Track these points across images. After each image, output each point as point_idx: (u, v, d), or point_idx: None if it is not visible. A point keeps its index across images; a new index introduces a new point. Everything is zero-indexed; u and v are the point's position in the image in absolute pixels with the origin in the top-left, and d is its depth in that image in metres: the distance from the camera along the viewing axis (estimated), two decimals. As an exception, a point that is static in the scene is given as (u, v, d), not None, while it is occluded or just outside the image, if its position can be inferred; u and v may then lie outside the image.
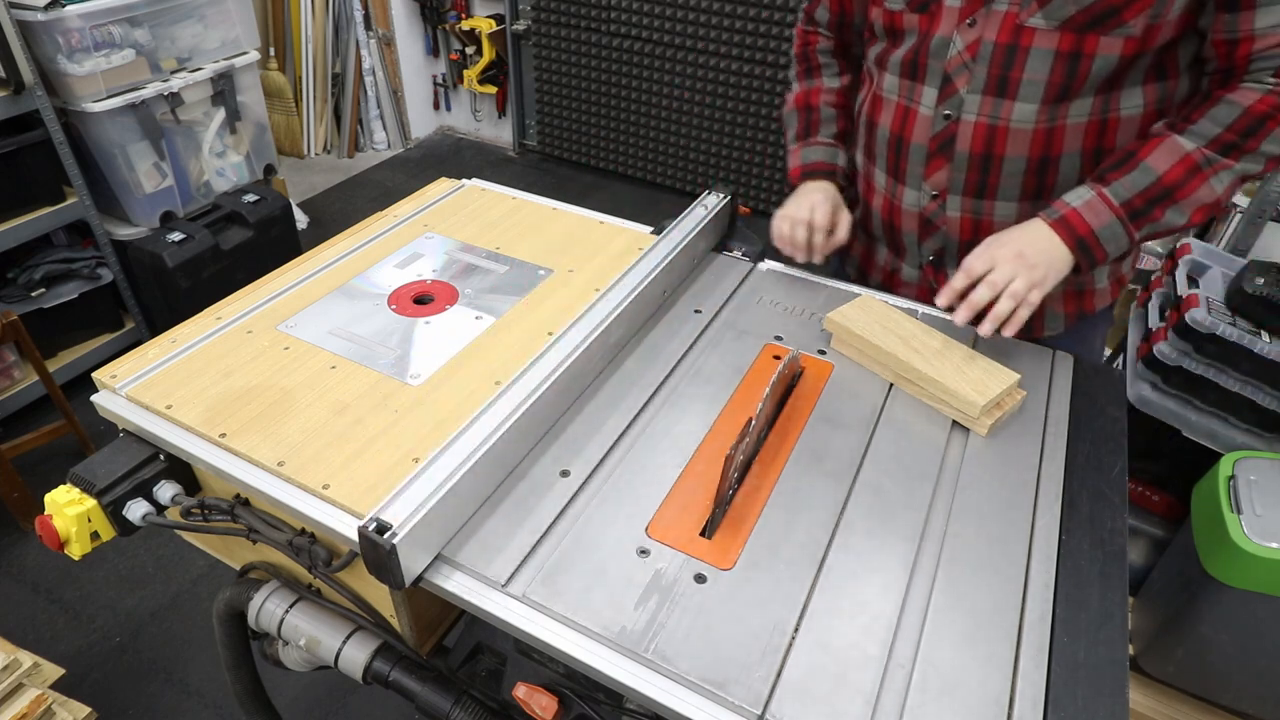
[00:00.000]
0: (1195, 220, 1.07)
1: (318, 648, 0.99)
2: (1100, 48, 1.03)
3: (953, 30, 1.10)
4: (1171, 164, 1.04)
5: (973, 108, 1.12)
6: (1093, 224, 1.07)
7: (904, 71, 1.18)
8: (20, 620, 2.07)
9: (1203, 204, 1.05)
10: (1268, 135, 1.01)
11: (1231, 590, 1.49)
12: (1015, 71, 1.07)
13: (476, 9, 4.18)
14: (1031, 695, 0.75)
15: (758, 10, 3.35)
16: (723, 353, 1.16)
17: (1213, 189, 1.04)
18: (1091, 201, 1.07)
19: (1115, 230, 1.07)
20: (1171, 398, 1.80)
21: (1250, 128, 1.01)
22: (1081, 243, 1.07)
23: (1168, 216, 1.06)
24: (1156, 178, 1.04)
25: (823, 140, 1.35)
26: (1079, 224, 1.07)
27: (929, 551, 0.88)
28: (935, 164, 1.19)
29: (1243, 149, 1.02)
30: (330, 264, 1.29)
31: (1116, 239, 1.07)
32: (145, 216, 2.68)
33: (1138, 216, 1.06)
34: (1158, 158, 1.04)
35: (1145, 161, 1.05)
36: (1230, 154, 1.03)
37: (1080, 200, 1.07)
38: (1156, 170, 1.04)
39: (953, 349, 1.09)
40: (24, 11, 2.26)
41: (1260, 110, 1.00)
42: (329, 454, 0.93)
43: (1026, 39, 1.05)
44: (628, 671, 0.76)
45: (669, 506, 0.91)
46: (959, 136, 1.15)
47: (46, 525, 0.94)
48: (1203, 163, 1.03)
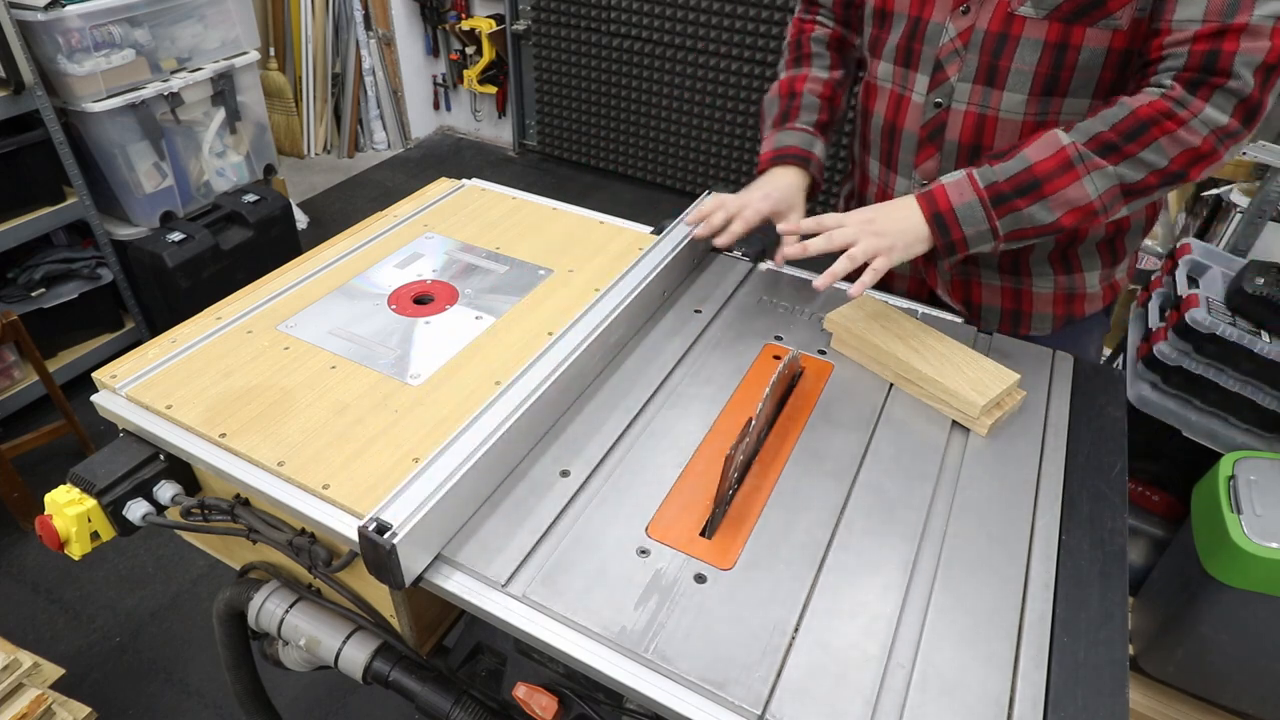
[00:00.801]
0: (1065, 222, 1.03)
1: (318, 648, 0.99)
2: (1087, 39, 1.02)
3: (946, 17, 1.10)
4: (1046, 155, 1.01)
5: (963, 96, 1.12)
6: (954, 200, 1.05)
7: (898, 58, 1.18)
8: (20, 620, 2.07)
9: (1074, 205, 1.01)
10: (1150, 143, 0.97)
11: (1231, 590, 1.49)
12: (1005, 60, 1.07)
13: (476, 9, 4.18)
14: (1031, 695, 0.75)
15: (758, 10, 3.35)
16: (723, 353, 1.16)
17: (1084, 189, 1.01)
18: (959, 180, 1.06)
19: (975, 211, 1.04)
20: (1171, 398, 1.80)
21: (1133, 130, 0.98)
22: (939, 218, 1.06)
23: (1033, 209, 1.02)
24: (1027, 166, 1.02)
25: (800, 126, 1.30)
26: (941, 199, 1.06)
27: (929, 551, 0.88)
28: (925, 152, 1.19)
29: (1122, 152, 0.99)
30: (330, 264, 1.29)
31: (975, 221, 1.04)
32: (145, 216, 2.69)
33: (1000, 201, 1.03)
34: (1036, 148, 1.02)
35: (1024, 151, 1.03)
36: (1108, 155, 0.99)
37: (950, 178, 1.07)
38: (1030, 159, 1.02)
39: (953, 349, 1.09)
40: (24, 11, 2.26)
41: (1145, 114, 0.97)
42: (329, 454, 0.93)
43: (1017, 28, 1.05)
44: (628, 671, 0.76)
45: (669, 506, 0.91)
46: (949, 125, 1.15)
47: (46, 525, 0.94)
48: (1075, 158, 1.00)
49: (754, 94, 3.55)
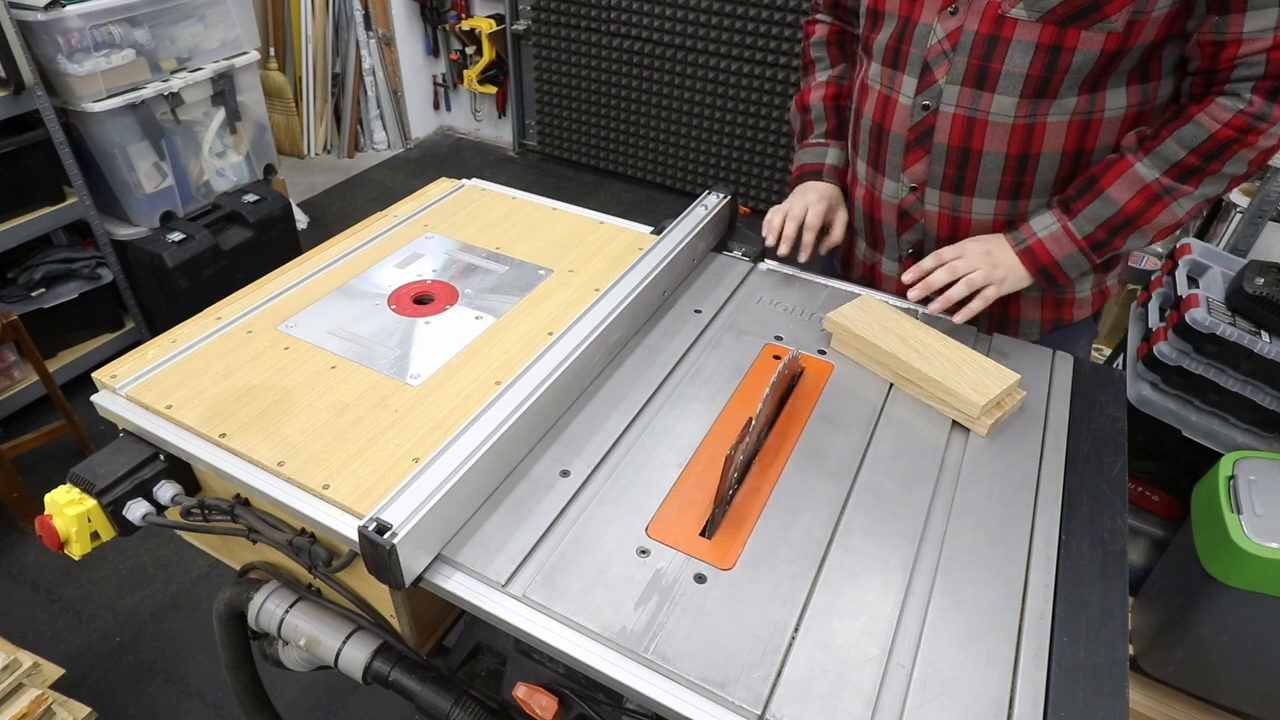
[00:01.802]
0: (1156, 239, 1.10)
1: (318, 648, 0.99)
2: (1081, 42, 1.02)
3: (934, 18, 1.10)
4: (1132, 195, 1.06)
5: (951, 98, 1.12)
6: (1055, 255, 1.12)
7: (886, 59, 1.18)
8: (20, 620, 2.07)
9: (1164, 227, 1.08)
10: (1231, 158, 1.01)
11: (1231, 590, 1.49)
12: (995, 63, 1.07)
13: (476, 9, 4.18)
14: (1031, 695, 0.75)
15: (758, 10, 3.35)
16: (723, 353, 1.16)
17: (1173, 214, 1.06)
18: (1057, 234, 1.11)
19: (1077, 259, 1.12)
20: (1171, 398, 1.80)
21: (1214, 152, 1.01)
22: (1044, 270, 1.14)
23: (1130, 242, 1.10)
24: (1118, 209, 1.07)
25: (813, 141, 1.37)
26: (1043, 254, 1.12)
27: (929, 551, 0.88)
28: (914, 155, 1.19)
29: (1205, 172, 1.02)
30: (330, 264, 1.29)
31: (1078, 265, 1.13)
32: (145, 216, 2.68)
33: (1100, 247, 1.10)
34: (1119, 188, 1.06)
35: (1108, 192, 1.07)
36: (1190, 179, 1.03)
37: (1047, 231, 1.12)
38: (1118, 201, 1.07)
39: (953, 349, 1.09)
40: (24, 11, 2.25)
41: (1225, 136, 1.00)
42: (329, 454, 0.93)
43: (1008, 30, 1.04)
44: (628, 671, 0.76)
45: (669, 506, 0.91)
46: (937, 128, 1.14)
47: (46, 525, 0.94)
48: (1161, 192, 1.05)
49: (754, 94, 3.55)
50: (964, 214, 1.19)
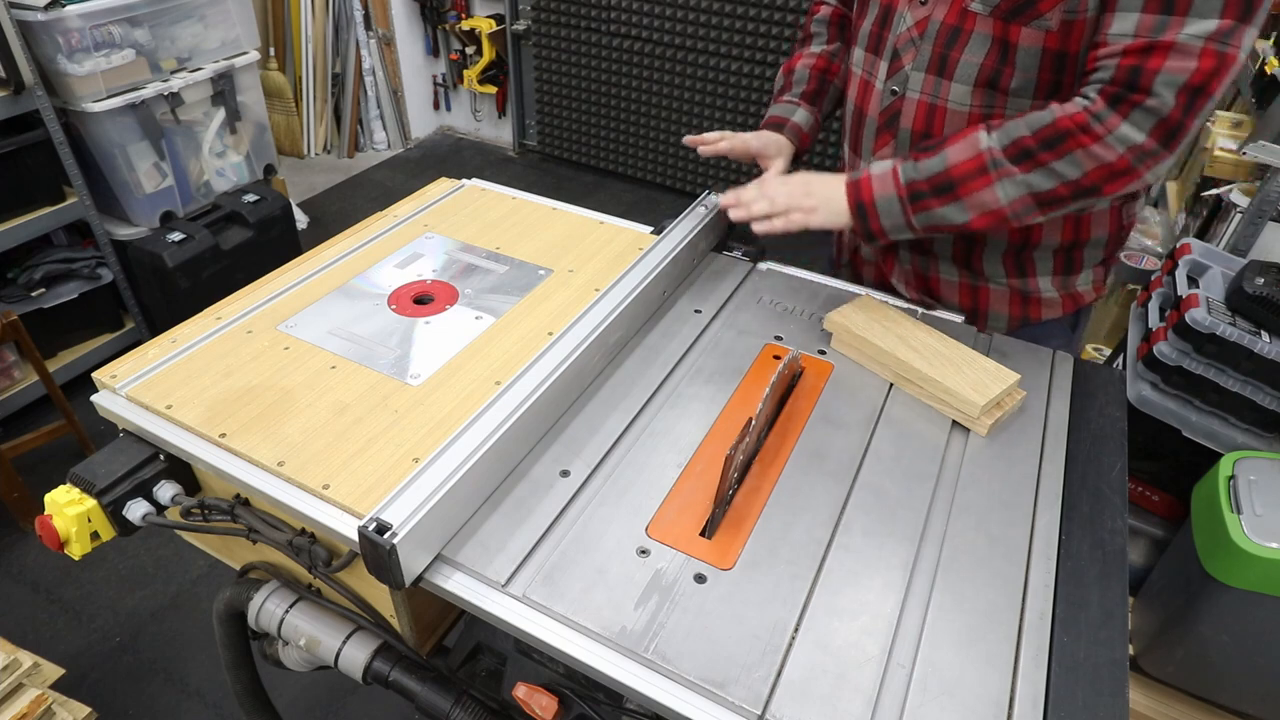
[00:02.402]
0: (976, 224, 1.06)
1: (318, 648, 0.99)
2: (1023, 39, 1.03)
3: (905, 6, 1.13)
4: (964, 158, 1.03)
5: (916, 85, 1.14)
6: (876, 192, 1.09)
7: (868, 44, 1.21)
8: (20, 620, 2.07)
9: (986, 208, 1.04)
10: (1065, 154, 0.98)
11: (1231, 590, 1.49)
12: (955, 52, 1.09)
13: (476, 9, 4.18)
14: (1031, 695, 0.75)
15: (758, 10, 3.35)
16: (723, 353, 1.16)
17: (996, 195, 1.02)
18: (885, 174, 1.09)
19: (893, 206, 1.08)
20: (1171, 398, 1.80)
21: (1051, 139, 0.98)
22: (861, 207, 1.10)
23: (946, 209, 1.05)
24: (946, 166, 1.04)
25: (787, 98, 1.37)
26: (865, 190, 1.10)
27: (929, 552, 0.88)
28: (882, 139, 1.22)
29: (1037, 159, 0.99)
30: (330, 264, 1.29)
31: (893, 215, 1.09)
32: (145, 216, 2.68)
33: (917, 199, 1.07)
34: (957, 149, 1.04)
35: (946, 150, 1.05)
36: (1022, 162, 1.00)
37: (879, 169, 1.10)
38: (949, 160, 1.04)
39: (953, 349, 1.09)
40: (24, 11, 2.25)
41: (1065, 125, 0.97)
42: (329, 454, 0.93)
43: (970, 22, 1.07)
44: (628, 671, 0.76)
45: (669, 506, 0.91)
46: (903, 113, 1.17)
47: (46, 525, 0.94)
48: (990, 164, 1.02)
49: (754, 94, 3.55)
50: None
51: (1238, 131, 2.08)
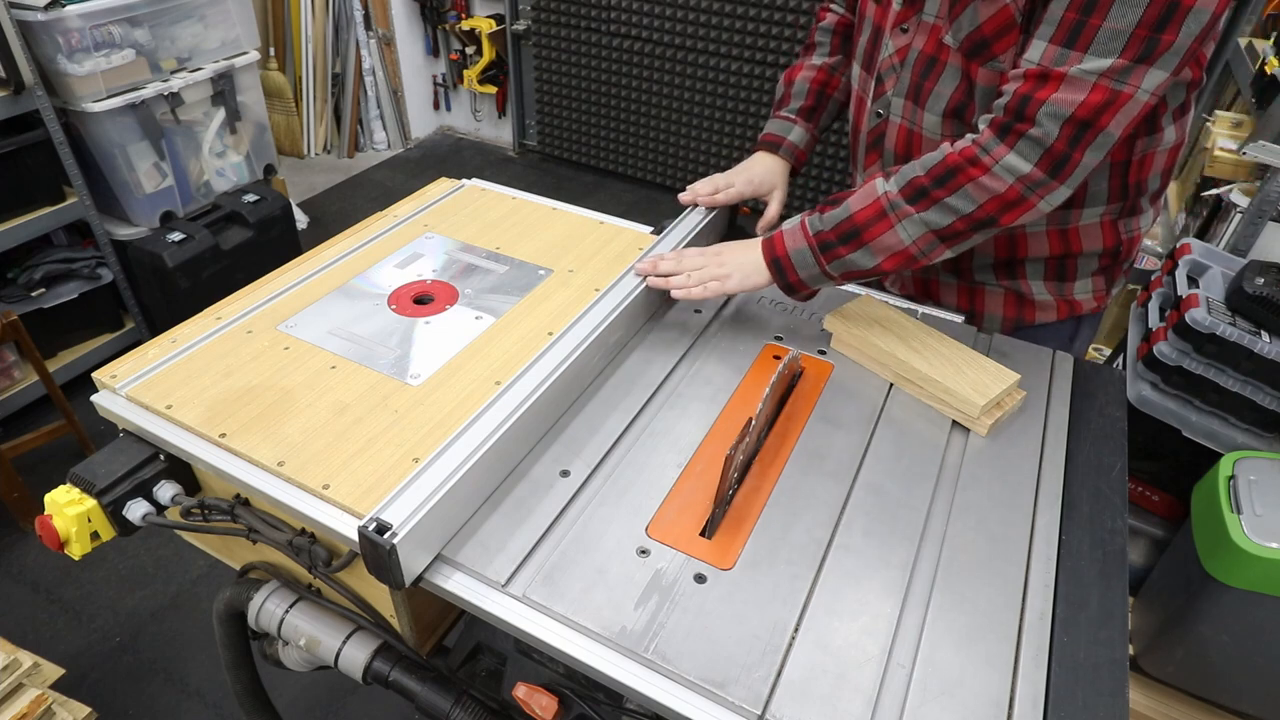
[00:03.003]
0: (885, 267, 1.06)
1: (318, 648, 0.99)
2: (980, 78, 1.05)
3: (888, 33, 1.14)
4: (864, 205, 1.05)
5: (897, 110, 1.17)
6: (788, 246, 1.10)
7: (863, 62, 1.23)
8: (20, 620, 2.07)
9: (892, 251, 1.04)
10: (956, 189, 0.98)
11: (1231, 590, 1.49)
12: (930, 82, 1.11)
13: (476, 9, 4.18)
14: (1031, 695, 0.75)
15: (758, 10, 3.35)
16: (723, 353, 1.16)
17: (898, 236, 1.03)
18: (794, 228, 1.11)
19: (805, 257, 1.09)
20: (1171, 398, 1.80)
21: (942, 175, 0.99)
22: (776, 262, 1.11)
23: (855, 256, 1.06)
24: (849, 215, 1.05)
25: (784, 114, 1.38)
26: (778, 245, 1.11)
27: (929, 551, 0.88)
28: (870, 157, 1.25)
29: (931, 197, 1.00)
30: (330, 264, 1.29)
31: (807, 265, 1.09)
32: (145, 216, 2.68)
33: (827, 249, 1.07)
34: (857, 197, 1.06)
35: (848, 200, 1.07)
36: (918, 201, 1.01)
37: (789, 225, 1.12)
38: (851, 209, 1.05)
39: (953, 349, 1.09)
40: (24, 11, 2.25)
41: (954, 160, 0.98)
42: (329, 454, 0.93)
43: (945, 54, 1.08)
44: (628, 671, 0.76)
45: (669, 506, 0.91)
46: (887, 135, 1.20)
47: (46, 525, 0.94)
48: (888, 208, 1.03)
49: (754, 94, 3.55)
50: None
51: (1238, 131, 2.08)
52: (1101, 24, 0.87)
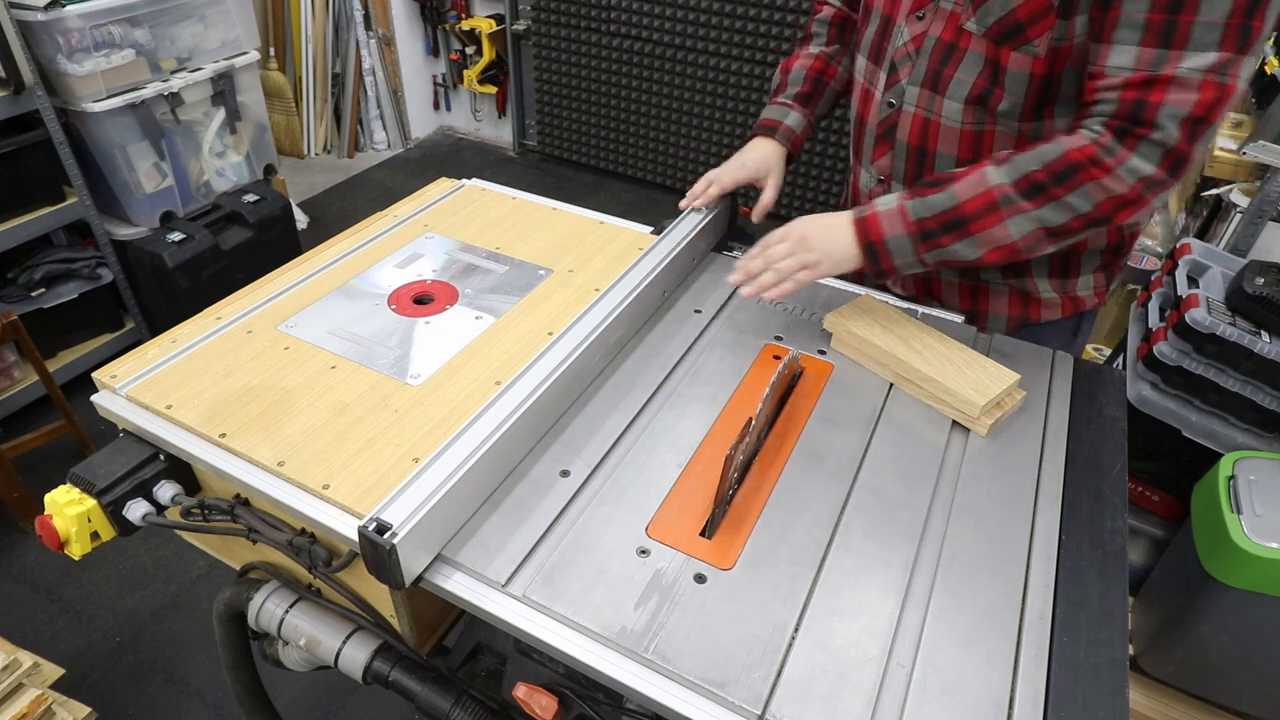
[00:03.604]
0: (988, 259, 1.05)
1: (318, 648, 0.99)
2: (1012, 63, 1.04)
3: (904, 19, 1.14)
4: (973, 194, 1.02)
5: (912, 99, 1.16)
6: (886, 232, 1.07)
7: (870, 54, 1.22)
8: (20, 620, 2.07)
9: (997, 244, 1.03)
10: (1076, 187, 0.97)
11: (1231, 590, 1.49)
12: (949, 69, 1.10)
13: (476, 9, 4.18)
14: (1031, 695, 0.75)
15: (758, 10, 3.35)
16: (723, 353, 1.16)
17: (1007, 231, 1.01)
18: (892, 211, 1.07)
19: (904, 245, 1.07)
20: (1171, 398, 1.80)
21: (1062, 173, 0.98)
22: (871, 247, 1.08)
23: (957, 246, 1.04)
24: (955, 204, 1.03)
25: (781, 100, 1.38)
26: (874, 229, 1.08)
27: (929, 551, 0.88)
28: (880, 149, 1.24)
29: (1049, 193, 0.99)
30: (330, 264, 1.29)
31: (904, 253, 1.07)
32: (145, 216, 2.68)
33: (928, 238, 1.05)
34: (965, 185, 1.03)
35: (954, 187, 1.04)
36: (1034, 197, 0.99)
37: (884, 207, 1.08)
38: (959, 198, 1.03)
39: (953, 349, 1.09)
40: (24, 11, 2.25)
41: (1076, 158, 0.97)
42: (329, 454, 0.93)
43: (965, 41, 1.07)
44: (628, 671, 0.76)
45: (669, 506, 0.91)
46: (899, 125, 1.19)
47: (46, 525, 0.94)
48: (1001, 201, 1.01)
49: (754, 94, 3.55)
50: None
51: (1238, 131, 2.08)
52: (1194, 20, 0.87)
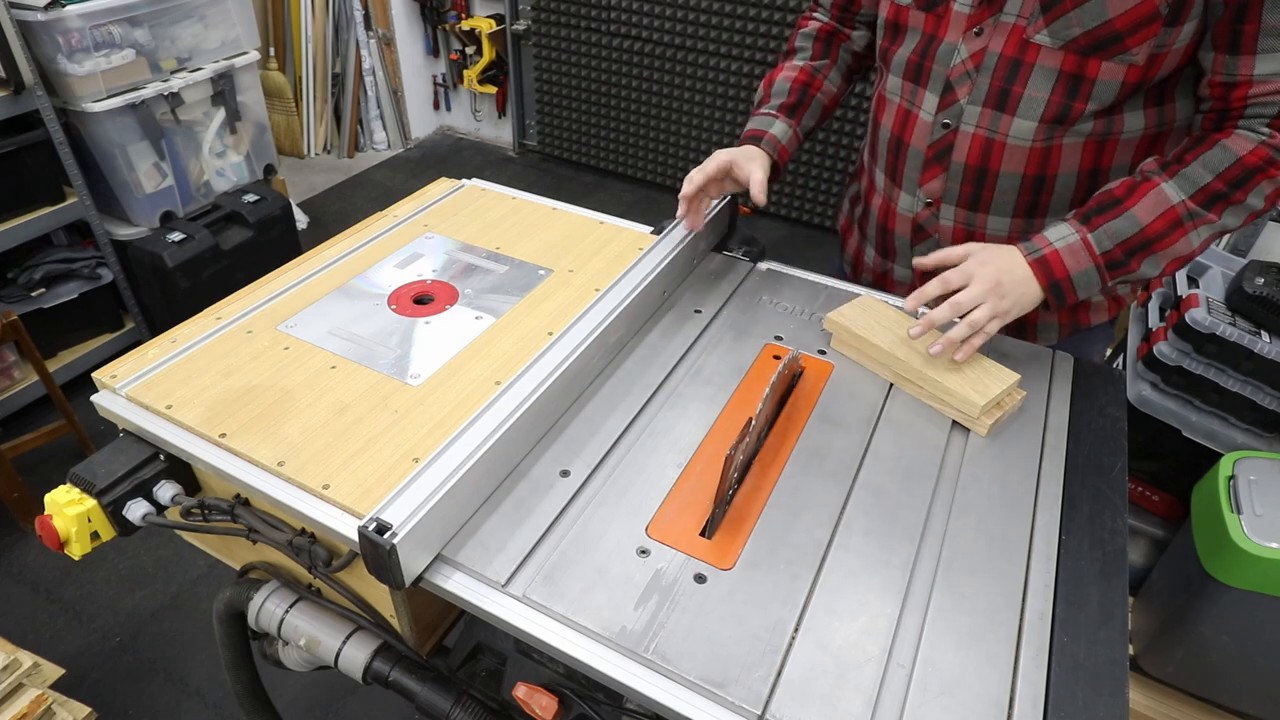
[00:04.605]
0: (1167, 271, 1.05)
1: (318, 648, 0.99)
2: (1103, 73, 1.02)
3: (959, 37, 1.10)
4: (1156, 215, 1.02)
5: (972, 119, 1.12)
6: (1070, 269, 1.05)
7: (907, 73, 1.18)
8: (20, 620, 2.07)
9: (1179, 256, 1.04)
10: (1254, 188, 0.98)
11: (1231, 590, 1.49)
12: (1018, 86, 1.06)
13: (476, 9, 4.18)
14: (1031, 695, 0.75)
15: (758, 10, 3.35)
16: (723, 353, 1.16)
17: (1190, 242, 1.02)
18: (1074, 246, 1.04)
19: (1091, 277, 1.05)
20: (1171, 398, 1.80)
21: (1240, 179, 0.98)
22: (1056, 285, 1.06)
23: (1143, 268, 1.04)
24: (1140, 229, 1.02)
25: (764, 111, 1.35)
26: (1057, 267, 1.05)
27: (929, 551, 0.88)
28: (931, 172, 1.19)
29: (1229, 200, 0.99)
30: (330, 264, 1.29)
31: (1090, 285, 1.06)
32: (145, 216, 2.68)
33: (1115, 266, 1.04)
34: (1144, 207, 1.02)
35: (1132, 210, 1.02)
36: (1214, 206, 1.00)
37: (1063, 242, 1.05)
38: (1141, 221, 1.02)
39: (953, 349, 1.09)
40: (24, 11, 2.25)
41: (1252, 162, 0.97)
42: (329, 454, 0.93)
43: (1032, 55, 1.04)
44: (628, 671, 0.76)
45: (669, 506, 0.91)
46: (956, 147, 1.15)
47: (46, 525, 0.94)
48: (1185, 216, 1.01)
49: (754, 94, 3.55)
50: (979, 229, 1.19)
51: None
52: None
